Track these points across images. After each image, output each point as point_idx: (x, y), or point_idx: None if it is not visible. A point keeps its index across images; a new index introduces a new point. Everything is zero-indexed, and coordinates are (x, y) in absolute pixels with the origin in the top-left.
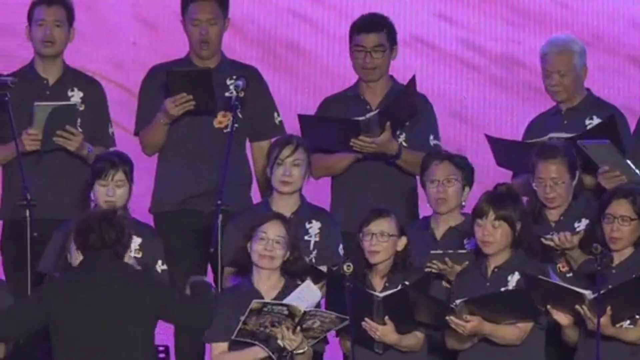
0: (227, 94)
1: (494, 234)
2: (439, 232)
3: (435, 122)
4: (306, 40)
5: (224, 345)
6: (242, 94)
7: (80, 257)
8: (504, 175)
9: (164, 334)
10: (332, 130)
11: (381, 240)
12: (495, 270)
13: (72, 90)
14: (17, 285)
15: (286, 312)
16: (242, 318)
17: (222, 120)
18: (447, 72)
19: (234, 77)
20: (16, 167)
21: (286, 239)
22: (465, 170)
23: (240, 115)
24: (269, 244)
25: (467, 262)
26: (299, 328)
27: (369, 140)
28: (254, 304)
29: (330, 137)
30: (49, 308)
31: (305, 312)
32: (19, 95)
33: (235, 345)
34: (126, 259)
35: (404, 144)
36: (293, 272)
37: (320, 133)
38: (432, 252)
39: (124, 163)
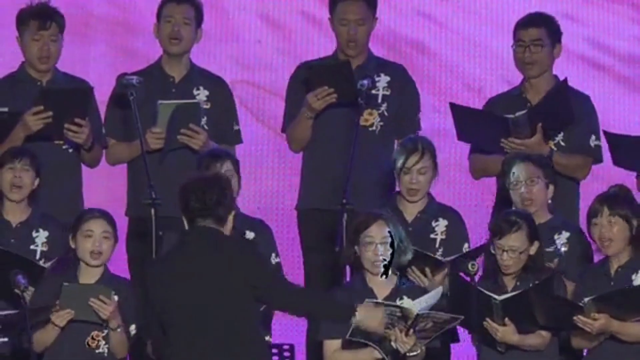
0: (374, 92)
1: (611, 230)
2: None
3: (596, 122)
4: (431, 39)
5: (338, 343)
6: (387, 92)
7: None
8: (624, 175)
9: (290, 332)
10: (482, 124)
11: (512, 255)
12: (619, 269)
13: (198, 89)
14: (142, 283)
15: (399, 314)
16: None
17: (367, 118)
18: (572, 71)
19: (381, 74)
20: (141, 166)
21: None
22: (547, 169)
23: (386, 113)
24: (377, 249)
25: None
26: (412, 330)
27: (518, 142)
28: (367, 303)
29: (482, 132)
30: (154, 288)
31: (418, 315)
32: (145, 94)
33: (350, 345)
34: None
35: (562, 143)
36: (409, 262)
37: (471, 125)
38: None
39: (229, 155)
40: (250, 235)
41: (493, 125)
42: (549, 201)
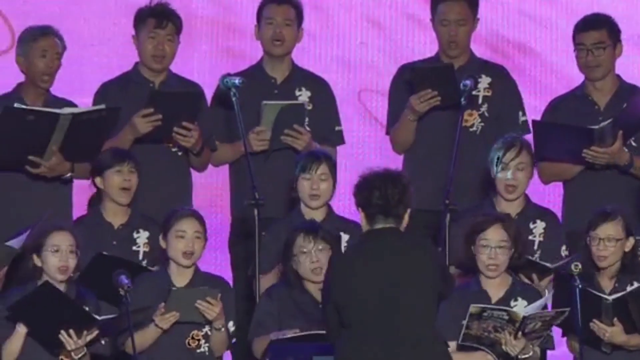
0: (474, 93)
1: None
2: None
3: None
4: (534, 39)
5: (453, 345)
6: (487, 93)
7: None
8: None
9: None
10: (565, 137)
11: (608, 245)
12: None
13: (300, 90)
14: (244, 284)
15: (506, 317)
16: (464, 322)
17: (467, 118)
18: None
19: (482, 75)
20: (244, 166)
21: (509, 242)
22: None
23: (487, 114)
24: (492, 252)
25: None
26: (520, 333)
27: (602, 150)
28: (473, 308)
29: (562, 144)
30: (339, 285)
31: (524, 317)
32: (247, 95)
33: (464, 347)
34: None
35: (633, 144)
36: (517, 268)
37: (553, 139)
38: None
39: (327, 158)
40: (345, 237)
41: (577, 137)
42: None
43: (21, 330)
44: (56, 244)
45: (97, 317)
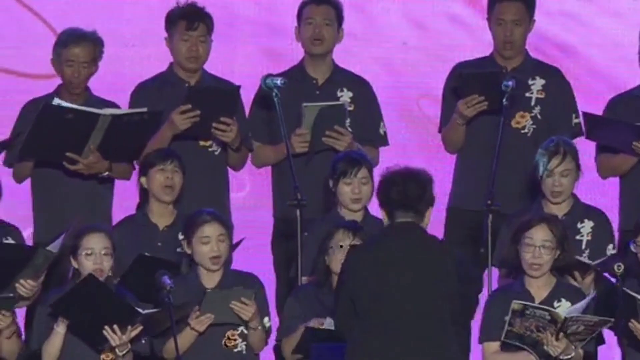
0: (527, 94)
1: None
2: None
3: None
4: (577, 41)
5: (496, 345)
6: (541, 95)
7: None
8: None
9: None
10: (616, 131)
11: None
12: None
13: (342, 90)
14: (286, 285)
15: (548, 318)
16: (507, 318)
17: (519, 120)
18: None
19: (536, 77)
20: (287, 167)
21: (553, 242)
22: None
23: (539, 116)
24: (536, 252)
25: None
26: (562, 334)
27: None
28: (515, 304)
29: (614, 138)
30: (353, 278)
31: (566, 319)
32: (289, 96)
33: (507, 347)
34: None
35: None
36: (561, 268)
37: (604, 132)
38: None
39: (366, 160)
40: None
41: (627, 132)
42: None
43: (60, 329)
44: (90, 246)
45: (140, 310)
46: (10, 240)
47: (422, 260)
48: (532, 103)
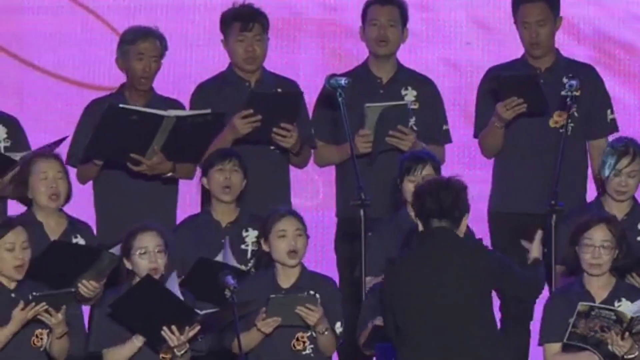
0: (562, 93)
1: None
2: None
3: None
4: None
5: (558, 346)
6: (577, 93)
7: None
8: None
9: None
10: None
11: None
12: None
13: (406, 89)
14: (350, 285)
15: (614, 317)
16: (571, 321)
17: (557, 119)
18: None
19: (570, 75)
20: (350, 167)
21: (612, 242)
22: None
23: (576, 114)
24: (595, 252)
25: None
26: (627, 334)
27: None
28: (581, 306)
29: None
30: (392, 289)
31: (632, 318)
32: (353, 95)
33: (569, 348)
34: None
35: None
36: (620, 269)
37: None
38: None
39: (431, 158)
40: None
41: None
42: None
43: (137, 342)
44: (143, 245)
45: (198, 311)
46: (79, 239)
47: (457, 262)
48: (569, 101)
